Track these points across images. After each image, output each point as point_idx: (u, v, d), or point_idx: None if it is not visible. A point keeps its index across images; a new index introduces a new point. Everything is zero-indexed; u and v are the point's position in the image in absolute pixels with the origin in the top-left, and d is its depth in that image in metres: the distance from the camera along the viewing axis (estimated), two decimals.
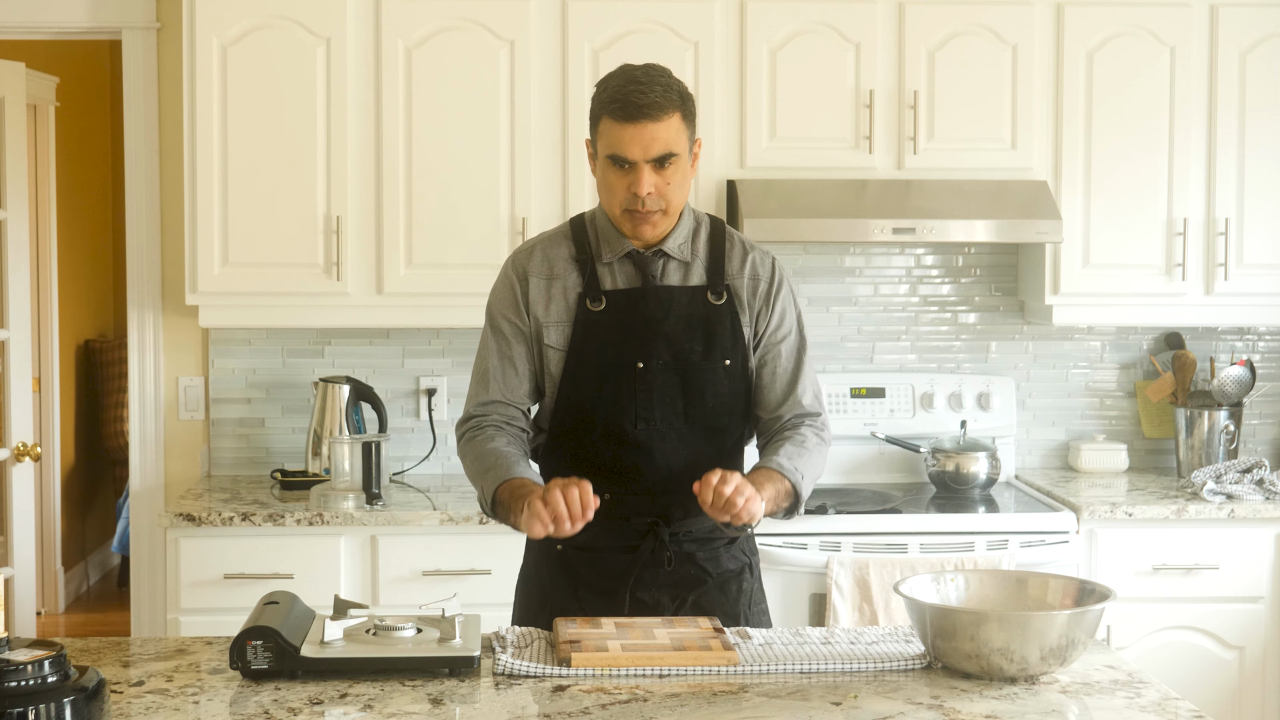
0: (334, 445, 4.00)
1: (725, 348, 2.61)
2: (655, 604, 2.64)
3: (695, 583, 2.65)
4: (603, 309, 2.60)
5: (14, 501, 4.63)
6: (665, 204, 2.54)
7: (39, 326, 6.39)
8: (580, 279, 2.62)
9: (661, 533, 2.62)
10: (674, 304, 2.60)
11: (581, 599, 2.65)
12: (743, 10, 4.06)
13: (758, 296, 2.64)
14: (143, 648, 2.43)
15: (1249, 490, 4.00)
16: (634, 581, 2.63)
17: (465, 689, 2.20)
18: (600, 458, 2.61)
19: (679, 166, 2.53)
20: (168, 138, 4.35)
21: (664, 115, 2.48)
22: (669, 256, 2.62)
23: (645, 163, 2.50)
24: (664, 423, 2.60)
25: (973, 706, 2.13)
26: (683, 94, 2.53)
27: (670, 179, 2.52)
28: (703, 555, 2.66)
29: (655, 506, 2.62)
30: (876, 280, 4.50)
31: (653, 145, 2.49)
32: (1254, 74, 4.16)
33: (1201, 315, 4.26)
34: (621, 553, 2.63)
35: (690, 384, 2.60)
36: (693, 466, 2.57)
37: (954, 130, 4.10)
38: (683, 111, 2.52)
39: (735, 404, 2.64)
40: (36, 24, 4.35)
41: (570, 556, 2.66)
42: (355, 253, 4.04)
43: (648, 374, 2.58)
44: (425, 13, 4.02)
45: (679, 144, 2.51)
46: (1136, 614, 3.88)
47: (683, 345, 2.59)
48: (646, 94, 2.48)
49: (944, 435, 4.28)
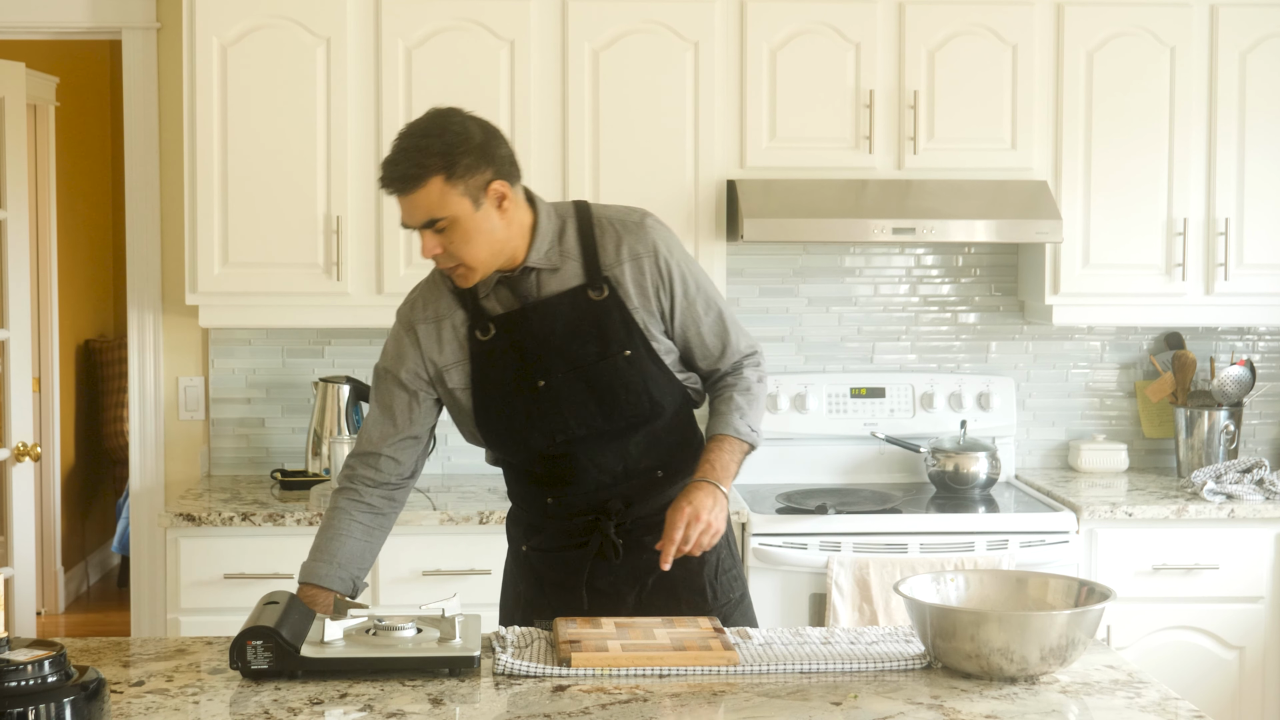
0: (334, 445, 4.00)
1: (621, 339, 2.59)
2: (615, 593, 2.67)
3: (652, 567, 2.66)
4: (492, 336, 2.60)
5: (14, 501, 4.63)
6: (459, 261, 2.52)
7: (39, 326, 6.39)
8: (465, 313, 2.62)
9: (605, 528, 2.65)
10: (558, 314, 2.58)
11: (548, 595, 2.71)
12: (743, 10, 4.06)
13: (647, 275, 2.60)
14: (143, 648, 2.43)
15: (1249, 490, 4.00)
16: (589, 575, 2.67)
17: (465, 689, 2.20)
18: (533, 472, 2.70)
19: (457, 228, 2.48)
20: (168, 138, 4.35)
21: (415, 186, 2.46)
22: (536, 270, 2.59)
23: (419, 229, 2.50)
24: (581, 429, 2.60)
25: (973, 706, 2.13)
26: (448, 152, 2.46)
27: (451, 239, 2.49)
28: (653, 539, 2.65)
29: (594, 503, 2.66)
30: (876, 280, 4.50)
31: (413, 214, 2.49)
32: (1254, 74, 4.16)
33: (1201, 315, 4.26)
34: (574, 550, 2.69)
35: (597, 385, 2.59)
36: (623, 459, 2.65)
37: (954, 130, 4.10)
38: (447, 173, 2.45)
39: (654, 387, 2.62)
40: (36, 24, 4.35)
41: (532, 558, 2.75)
42: (355, 253, 4.04)
43: (551, 390, 2.58)
44: (425, 13, 4.02)
45: (444, 208, 2.46)
46: (1136, 614, 3.88)
47: (577, 351, 2.58)
48: (395, 167, 2.47)
49: (944, 435, 4.28)
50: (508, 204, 2.53)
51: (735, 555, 2.79)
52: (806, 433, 4.35)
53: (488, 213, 2.50)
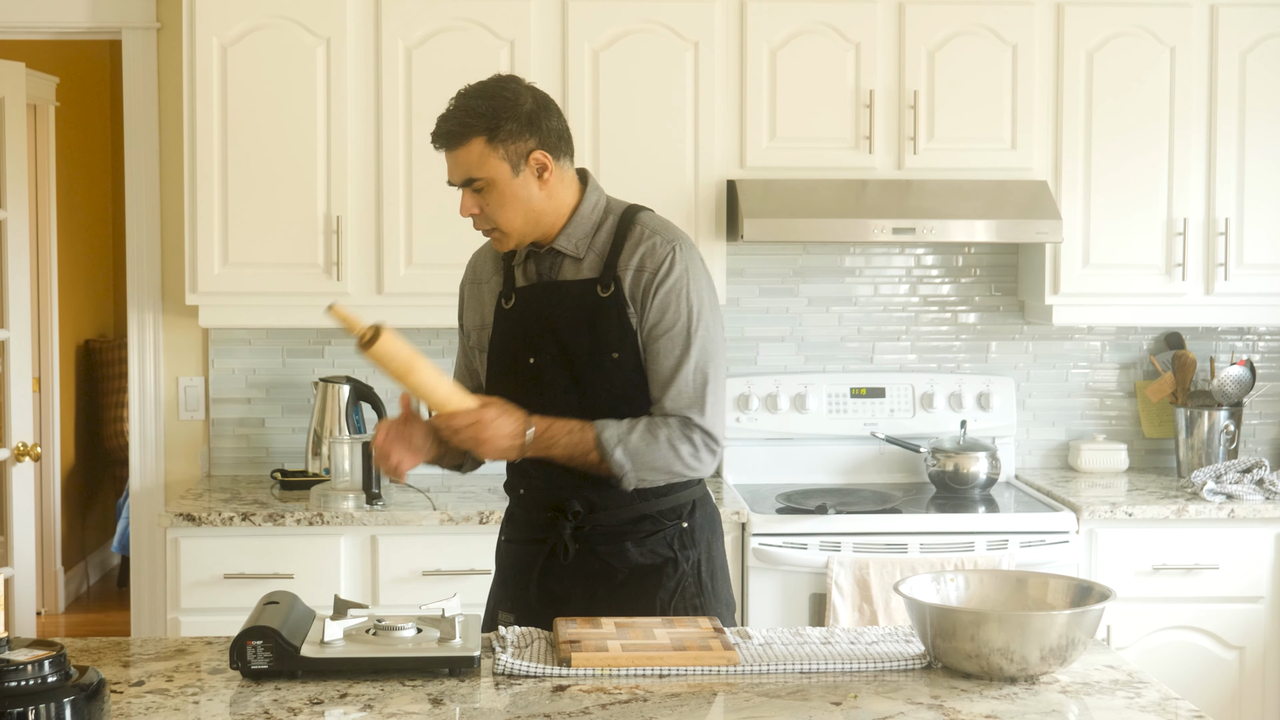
0: (334, 445, 4.00)
1: (613, 340, 2.59)
2: (566, 596, 2.65)
3: (604, 577, 2.65)
4: (512, 306, 2.68)
5: (14, 501, 4.63)
6: (493, 224, 2.60)
7: (39, 326, 6.39)
8: (501, 279, 2.71)
9: (561, 527, 2.64)
10: (563, 299, 2.63)
11: (508, 588, 2.75)
12: (743, 10, 4.06)
13: (641, 287, 2.60)
14: (143, 648, 2.43)
15: (1249, 490, 4.00)
16: (541, 573, 2.67)
17: (465, 689, 2.20)
18: None
19: (493, 189, 2.56)
20: (168, 138, 4.35)
21: (460, 143, 2.56)
22: (561, 253, 2.65)
23: (460, 186, 2.60)
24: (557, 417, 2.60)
25: (973, 706, 2.13)
26: (494, 115, 2.53)
27: (487, 200, 2.57)
28: (605, 549, 2.64)
29: (555, 500, 2.65)
30: (876, 280, 4.50)
31: (455, 171, 2.60)
32: (1254, 74, 4.16)
33: (1201, 315, 4.26)
34: (531, 544, 2.70)
35: (580, 378, 2.61)
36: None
37: (954, 130, 4.10)
38: (489, 135, 2.53)
39: (632, 395, 2.61)
40: (36, 24, 4.35)
41: (501, 549, 2.80)
42: (355, 253, 4.04)
43: (537, 369, 2.62)
44: (425, 13, 4.02)
45: (483, 169, 2.55)
46: (1136, 614, 3.88)
47: (570, 339, 2.61)
48: (444, 122, 2.58)
49: (944, 435, 4.28)
50: (549, 176, 2.59)
51: (704, 586, 2.69)
52: (806, 433, 4.35)
53: (526, 180, 2.57)
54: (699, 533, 2.71)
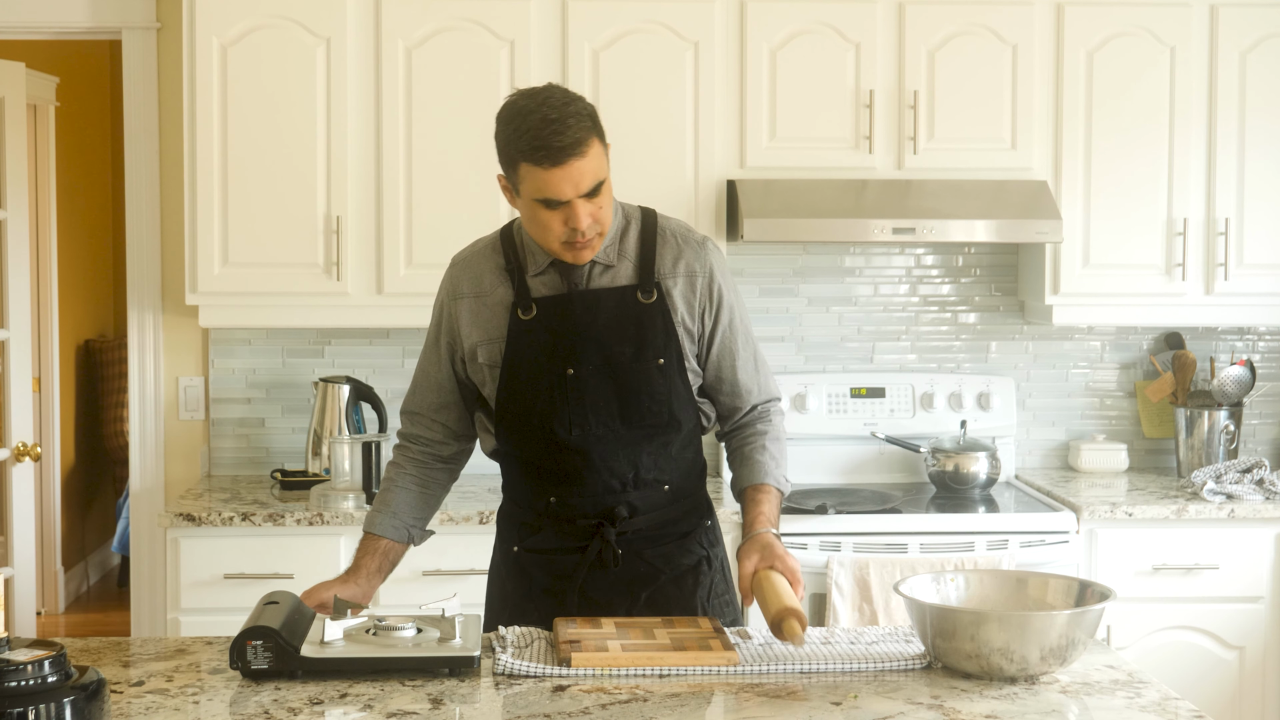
0: (334, 445, 4.00)
1: (658, 346, 2.58)
2: (608, 603, 2.63)
3: (648, 580, 2.65)
4: (533, 317, 2.58)
5: (14, 501, 4.63)
6: (602, 227, 2.51)
7: (39, 326, 6.39)
8: (511, 290, 2.60)
9: (607, 533, 2.62)
10: (601, 307, 2.57)
11: (535, 600, 2.67)
12: (743, 10, 4.06)
13: (698, 293, 2.60)
14: (143, 648, 2.43)
15: (1249, 490, 4.00)
16: (583, 582, 2.63)
17: (465, 689, 2.20)
18: (543, 463, 2.64)
19: (605, 190, 2.49)
20: (168, 138, 4.35)
21: (587, 149, 2.42)
22: (593, 261, 2.58)
23: (586, 195, 2.44)
24: (600, 426, 2.58)
25: (973, 706, 2.13)
26: (592, 115, 2.47)
27: (603, 203, 2.49)
28: (652, 553, 2.65)
29: (599, 508, 2.63)
30: (876, 280, 4.50)
31: (583, 181, 2.43)
32: (1254, 74, 4.16)
33: (1201, 315, 4.26)
34: (570, 554, 2.65)
35: (624, 386, 2.58)
36: (634, 466, 2.61)
37: (954, 130, 4.10)
38: (598, 133, 2.46)
39: (676, 401, 2.61)
40: (36, 24, 4.35)
41: (524, 559, 2.70)
42: (355, 253, 4.04)
43: (578, 380, 2.56)
44: (425, 13, 4.02)
45: (604, 169, 2.47)
46: (1136, 614, 3.88)
47: (613, 348, 2.57)
48: (566, 133, 2.40)
49: (944, 435, 4.28)
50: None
51: (729, 581, 2.76)
52: (806, 433, 4.35)
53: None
54: (717, 529, 2.79)
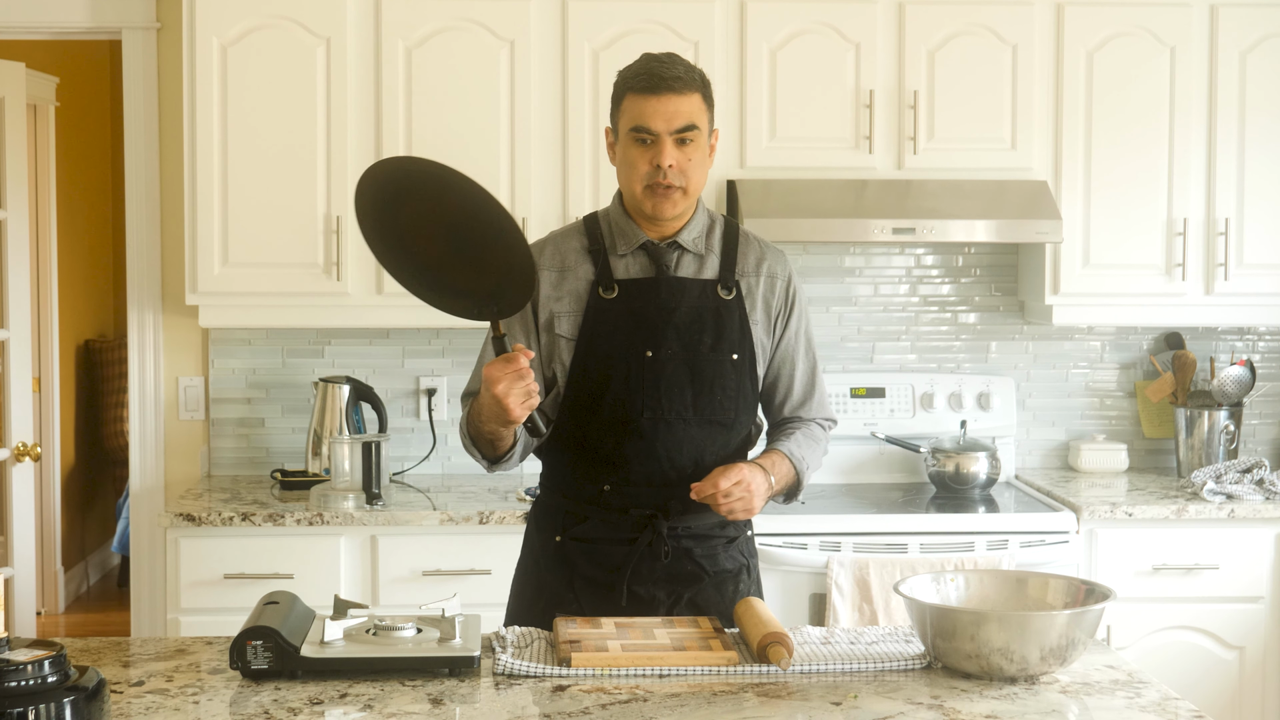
0: (334, 445, 4.00)
1: (733, 341, 2.64)
2: (651, 599, 2.64)
3: (692, 580, 2.66)
4: (615, 297, 2.63)
5: (14, 501, 4.63)
6: (685, 181, 2.58)
7: (39, 326, 6.39)
8: (593, 269, 2.66)
9: (660, 526, 2.63)
10: (685, 295, 2.63)
11: (577, 591, 2.66)
12: (743, 10, 4.06)
13: (776, 295, 2.70)
14: (143, 648, 2.43)
15: (1249, 490, 4.00)
16: (630, 575, 2.63)
17: (465, 689, 2.20)
18: (603, 447, 2.63)
19: (699, 144, 2.59)
20: (168, 138, 4.36)
21: (687, 90, 2.56)
22: (683, 249, 2.66)
23: (668, 135, 2.55)
24: (670, 413, 2.61)
25: (973, 706, 2.13)
26: (704, 80, 2.61)
27: (691, 155, 2.58)
28: (700, 552, 2.67)
29: (655, 499, 2.64)
30: (876, 280, 4.50)
31: (675, 118, 2.55)
32: (1254, 74, 4.16)
33: (1201, 315, 4.26)
34: (619, 545, 2.65)
35: (699, 375, 2.62)
36: (696, 461, 2.63)
37: (954, 130, 4.10)
38: (703, 94, 2.60)
39: (742, 399, 2.66)
40: (36, 24, 4.35)
41: (568, 548, 2.68)
42: (355, 253, 4.04)
43: (656, 363, 2.60)
44: (425, 13, 4.02)
45: (701, 120, 2.58)
46: (1136, 614, 3.88)
47: (692, 336, 2.62)
48: (671, 69, 2.56)
49: (944, 435, 4.28)
50: (713, 157, 2.66)
51: (761, 594, 2.81)
52: None
53: (709, 149, 2.63)
54: (754, 542, 2.84)
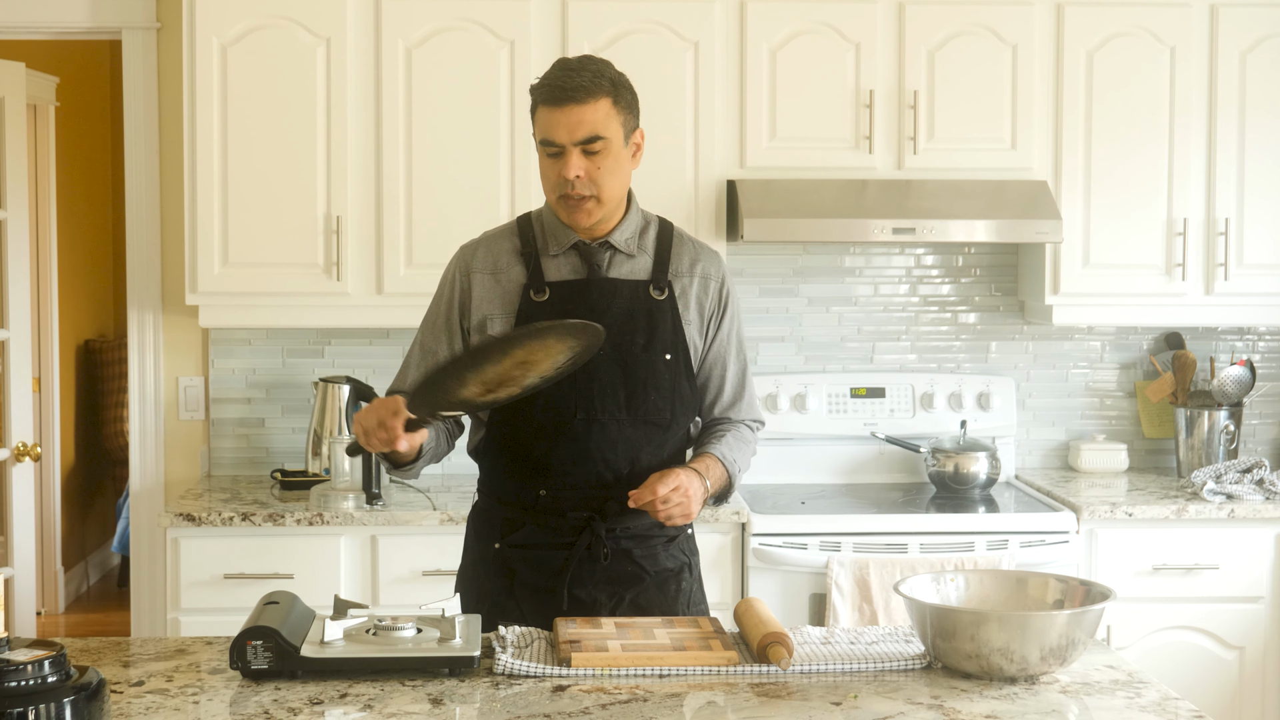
0: (334, 445, 4.00)
1: (666, 342, 2.63)
2: (592, 602, 2.64)
3: (633, 580, 2.66)
4: (545, 299, 2.62)
5: (14, 501, 4.63)
6: (596, 190, 2.57)
7: (39, 326, 6.39)
8: (525, 271, 2.65)
9: (598, 528, 2.63)
10: (617, 296, 2.63)
11: (518, 597, 2.66)
12: (743, 10, 4.06)
13: (710, 296, 2.69)
14: (143, 648, 2.43)
15: (1249, 490, 4.00)
16: (570, 579, 2.63)
17: (465, 689, 2.20)
18: (537, 451, 2.63)
19: (608, 152, 2.56)
20: (168, 138, 4.35)
21: (589, 99, 2.53)
22: (615, 249, 2.65)
23: (572, 146, 2.54)
24: (604, 413, 2.60)
25: (973, 706, 2.13)
26: (616, 82, 2.59)
27: (600, 164, 2.56)
28: (640, 553, 2.67)
29: (591, 501, 2.64)
30: (876, 280, 4.50)
31: (579, 128, 2.53)
32: (1254, 74, 4.16)
33: (1201, 315, 4.26)
34: (557, 549, 2.65)
35: (632, 375, 2.61)
36: (631, 462, 2.63)
37: (954, 130, 4.10)
38: (614, 98, 2.57)
39: (678, 399, 2.65)
40: (36, 24, 4.35)
41: (507, 555, 2.68)
42: (355, 253, 4.04)
43: (589, 364, 2.56)
44: (425, 13, 4.02)
45: (607, 129, 2.55)
46: (1136, 614, 3.88)
47: (624, 337, 2.61)
48: (574, 79, 2.54)
49: (944, 435, 4.28)
50: (638, 158, 2.65)
51: (703, 592, 2.79)
52: (806, 433, 4.35)
53: (628, 155, 2.62)
54: (695, 540, 2.81)
